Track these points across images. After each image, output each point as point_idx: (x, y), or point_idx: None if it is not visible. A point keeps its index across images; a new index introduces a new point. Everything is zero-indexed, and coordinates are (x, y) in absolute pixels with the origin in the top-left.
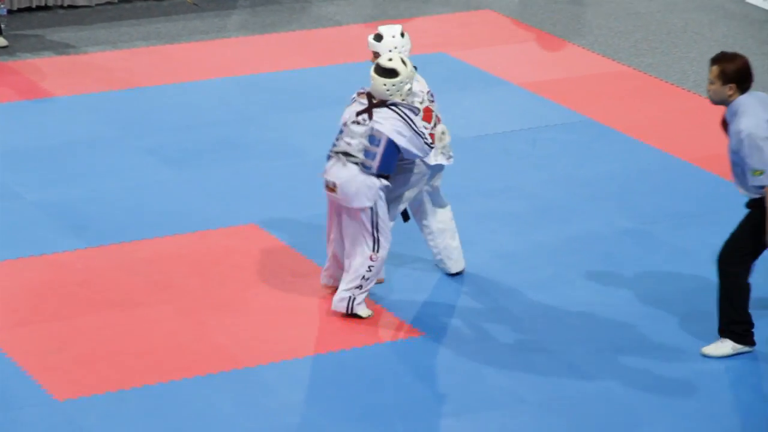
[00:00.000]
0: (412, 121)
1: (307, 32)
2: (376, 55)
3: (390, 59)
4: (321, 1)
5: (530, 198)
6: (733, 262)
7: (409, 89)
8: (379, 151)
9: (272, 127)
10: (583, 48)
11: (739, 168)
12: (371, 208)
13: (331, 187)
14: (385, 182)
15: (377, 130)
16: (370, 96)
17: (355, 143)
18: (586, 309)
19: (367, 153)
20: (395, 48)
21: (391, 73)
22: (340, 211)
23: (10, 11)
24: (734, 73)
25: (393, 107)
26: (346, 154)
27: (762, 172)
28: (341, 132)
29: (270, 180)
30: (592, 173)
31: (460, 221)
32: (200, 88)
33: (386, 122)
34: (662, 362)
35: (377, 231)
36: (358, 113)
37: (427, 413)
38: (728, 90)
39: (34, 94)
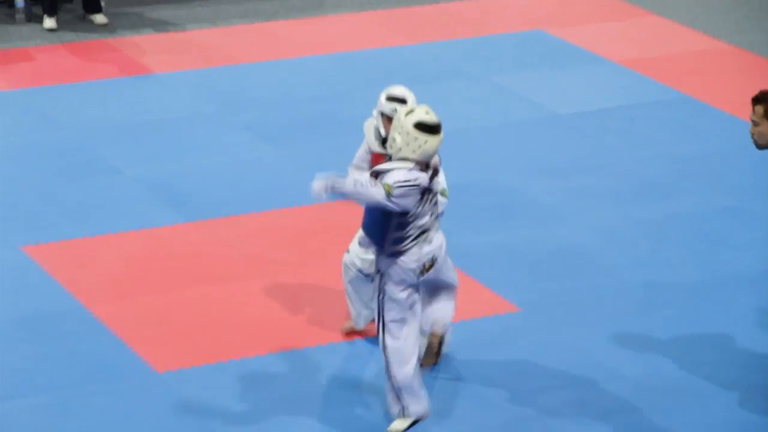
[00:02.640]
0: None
1: (404, 9)
2: (389, 119)
3: (427, 112)
4: None
5: (628, 175)
6: None
7: None
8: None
9: (368, 103)
10: (683, 25)
11: None
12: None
13: (429, 266)
14: None
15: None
16: (426, 167)
17: (431, 216)
18: (685, 287)
19: (438, 216)
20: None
21: (440, 127)
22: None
23: None
24: None
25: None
26: (427, 230)
27: None
28: (405, 224)
29: None
30: (691, 150)
31: (557, 197)
32: (297, 65)
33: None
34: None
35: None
36: (423, 193)
37: (525, 387)
38: None
39: (134, 70)
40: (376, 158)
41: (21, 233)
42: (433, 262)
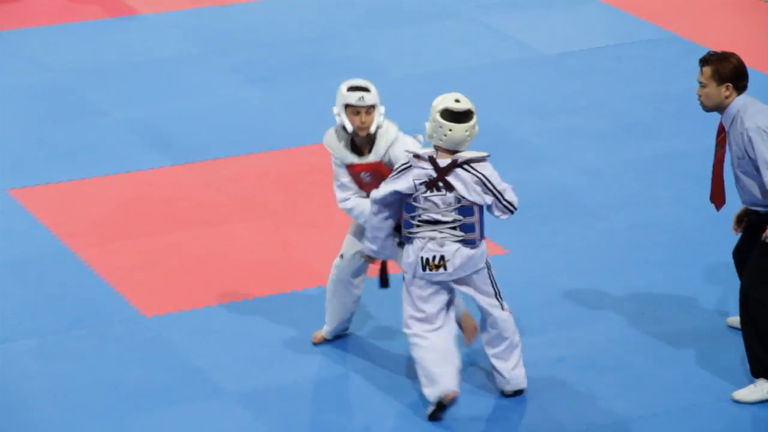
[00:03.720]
0: (489, 181)
1: None
2: (368, 111)
3: (457, 100)
4: None
5: (616, 115)
6: (763, 288)
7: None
8: (476, 219)
9: (355, 44)
10: None
11: (749, 179)
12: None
13: (436, 264)
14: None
15: (467, 200)
16: (433, 160)
17: (444, 218)
18: (672, 227)
19: (463, 227)
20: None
21: (467, 115)
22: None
23: None
24: (731, 71)
25: (468, 168)
26: (436, 230)
27: None
28: (411, 208)
29: None
30: (679, 90)
31: (545, 138)
32: (285, 6)
33: (471, 189)
34: None
35: (496, 284)
36: (430, 185)
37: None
38: (725, 91)
39: (120, 11)
40: (355, 169)
41: (7, 177)
42: (440, 262)
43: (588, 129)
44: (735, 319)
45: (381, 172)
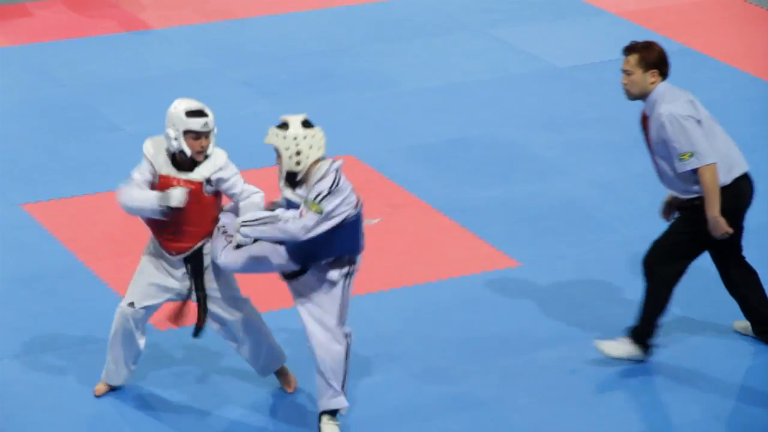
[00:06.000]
0: None
1: None
2: (207, 135)
3: (283, 116)
4: None
5: (627, 128)
6: (663, 263)
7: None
8: None
9: (367, 57)
10: None
11: (666, 163)
12: None
13: None
14: None
15: None
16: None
17: None
18: None
19: None
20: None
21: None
22: None
23: None
24: (656, 58)
25: None
26: None
27: (691, 155)
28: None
29: (365, 110)
30: None
31: (557, 150)
32: (296, 20)
33: None
34: None
35: None
36: None
37: (526, 342)
38: (650, 77)
39: (133, 26)
40: (168, 181)
41: (21, 191)
42: None
43: (599, 141)
44: (741, 324)
45: (197, 192)
